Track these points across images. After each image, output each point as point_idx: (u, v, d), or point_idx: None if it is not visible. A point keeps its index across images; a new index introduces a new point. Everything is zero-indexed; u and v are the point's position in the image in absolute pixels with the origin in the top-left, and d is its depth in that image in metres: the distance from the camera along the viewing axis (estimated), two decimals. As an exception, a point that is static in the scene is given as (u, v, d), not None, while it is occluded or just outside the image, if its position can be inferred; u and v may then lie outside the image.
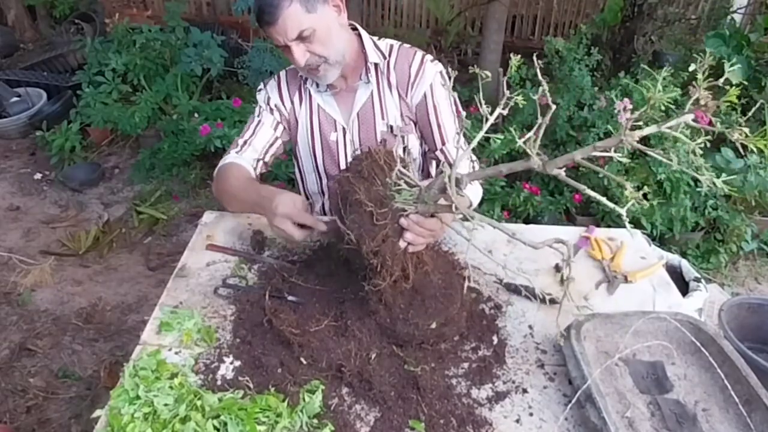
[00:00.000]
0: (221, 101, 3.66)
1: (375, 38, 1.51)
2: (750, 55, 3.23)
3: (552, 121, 3.16)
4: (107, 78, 3.69)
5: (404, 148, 1.57)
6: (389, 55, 1.50)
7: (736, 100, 0.75)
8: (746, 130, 0.74)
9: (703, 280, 2.00)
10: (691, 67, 0.77)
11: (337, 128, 1.55)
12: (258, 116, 1.57)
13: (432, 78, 1.49)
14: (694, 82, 0.77)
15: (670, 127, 0.79)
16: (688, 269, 2.10)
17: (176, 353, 1.19)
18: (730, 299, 2.20)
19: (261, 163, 1.56)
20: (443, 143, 1.54)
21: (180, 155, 3.54)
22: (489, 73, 0.96)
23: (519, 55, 0.97)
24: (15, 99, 4.20)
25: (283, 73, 1.57)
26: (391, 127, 1.52)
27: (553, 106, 0.91)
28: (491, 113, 0.97)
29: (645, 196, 0.81)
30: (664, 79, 0.76)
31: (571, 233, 1.62)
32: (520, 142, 0.89)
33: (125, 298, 2.76)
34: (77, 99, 3.81)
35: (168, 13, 3.83)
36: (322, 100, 1.53)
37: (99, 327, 2.58)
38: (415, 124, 1.55)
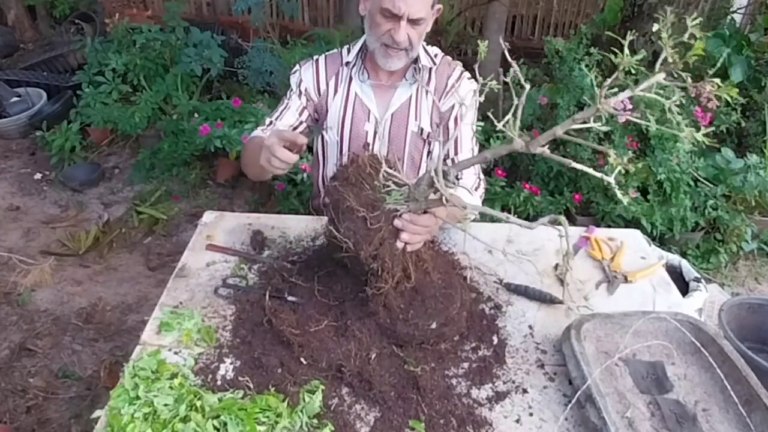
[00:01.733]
0: (221, 101, 3.66)
1: (423, 43, 1.56)
2: (750, 55, 3.23)
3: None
4: (107, 78, 3.69)
5: (431, 153, 1.59)
6: (435, 62, 1.56)
7: (734, 96, 0.75)
8: (717, 80, 0.74)
9: (703, 280, 2.00)
10: (655, 27, 0.78)
11: (370, 119, 1.58)
12: (288, 99, 1.62)
13: (464, 93, 1.55)
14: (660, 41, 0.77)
15: (643, 90, 0.80)
16: (688, 269, 2.10)
17: (176, 353, 1.19)
18: (730, 299, 2.20)
19: None
20: (456, 153, 1.59)
21: (180, 155, 3.54)
22: (459, 62, 0.97)
23: (486, 41, 0.98)
24: (15, 99, 4.20)
25: (322, 58, 1.61)
26: (422, 129, 1.57)
27: (527, 86, 0.92)
28: (491, 112, 0.98)
29: (645, 194, 0.81)
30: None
31: (571, 233, 1.62)
32: (500, 125, 0.90)
33: (125, 298, 2.76)
34: (77, 99, 3.81)
35: (168, 13, 3.82)
36: (361, 89, 1.57)
37: (99, 327, 2.57)
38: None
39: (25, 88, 4.28)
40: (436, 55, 1.57)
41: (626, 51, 0.78)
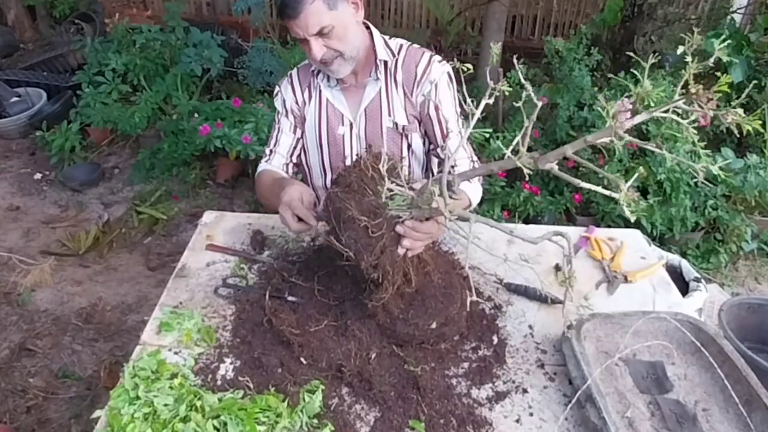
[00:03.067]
0: (221, 101, 3.66)
1: (386, 37, 1.54)
2: (750, 55, 3.23)
3: (552, 121, 3.16)
4: (107, 78, 3.69)
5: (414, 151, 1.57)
6: (398, 54, 1.52)
7: (731, 94, 0.75)
8: (740, 111, 0.73)
9: (703, 280, 2.00)
10: (679, 50, 0.76)
11: (344, 122, 1.57)
12: (278, 123, 1.64)
13: (438, 77, 1.51)
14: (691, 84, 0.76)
15: (665, 112, 0.79)
16: (688, 269, 2.10)
17: (176, 353, 1.19)
18: (730, 299, 2.20)
19: (290, 165, 1.65)
20: (444, 140, 1.56)
21: (180, 155, 3.54)
22: (470, 66, 0.97)
23: (500, 44, 0.97)
24: (15, 99, 4.20)
25: (295, 71, 1.61)
26: (396, 124, 1.54)
27: (539, 104, 0.91)
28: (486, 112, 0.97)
29: (644, 194, 0.81)
30: (663, 78, 0.76)
31: (571, 233, 1.62)
32: (507, 152, 0.89)
33: (125, 298, 2.76)
34: (77, 99, 3.81)
35: (168, 13, 3.82)
36: (331, 95, 1.56)
37: (99, 327, 2.58)
38: (419, 123, 1.57)
39: (25, 88, 4.28)
40: (400, 47, 1.53)
41: (645, 80, 0.76)
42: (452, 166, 1.50)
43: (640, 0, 3.52)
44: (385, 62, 1.50)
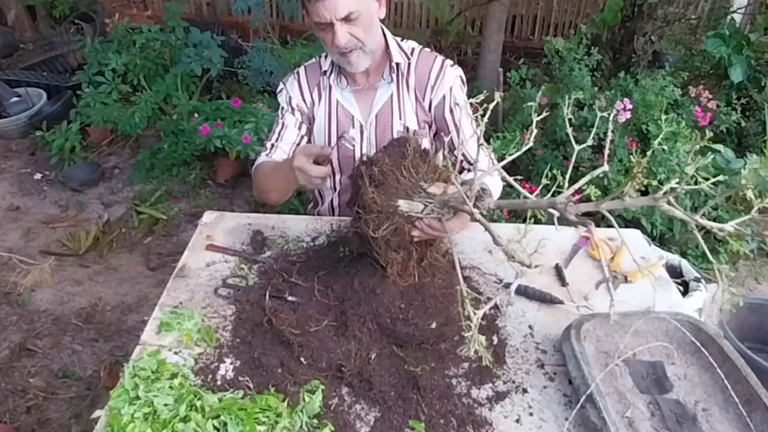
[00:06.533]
0: (221, 101, 3.66)
1: (398, 39, 1.53)
2: (750, 55, 3.22)
3: (552, 121, 3.16)
4: (107, 78, 3.69)
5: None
6: (411, 57, 1.52)
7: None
8: None
9: (703, 280, 2.00)
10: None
11: (355, 125, 1.56)
12: (281, 118, 1.60)
13: (452, 82, 1.52)
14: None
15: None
16: (688, 269, 2.10)
17: (176, 353, 1.19)
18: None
19: None
20: (460, 141, 1.55)
21: (180, 155, 3.54)
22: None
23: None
24: (15, 99, 4.20)
25: (302, 70, 1.59)
26: (407, 128, 1.54)
27: (538, 116, 0.92)
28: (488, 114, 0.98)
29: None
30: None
31: (570, 233, 1.62)
32: (530, 198, 0.90)
33: (125, 298, 2.76)
34: (77, 99, 3.80)
35: (168, 13, 3.82)
36: (342, 96, 1.54)
37: (99, 327, 2.58)
38: (430, 127, 1.57)
39: (25, 88, 4.28)
40: (412, 50, 1.53)
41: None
42: (471, 164, 1.51)
43: (640, 0, 3.52)
44: (398, 65, 1.50)
